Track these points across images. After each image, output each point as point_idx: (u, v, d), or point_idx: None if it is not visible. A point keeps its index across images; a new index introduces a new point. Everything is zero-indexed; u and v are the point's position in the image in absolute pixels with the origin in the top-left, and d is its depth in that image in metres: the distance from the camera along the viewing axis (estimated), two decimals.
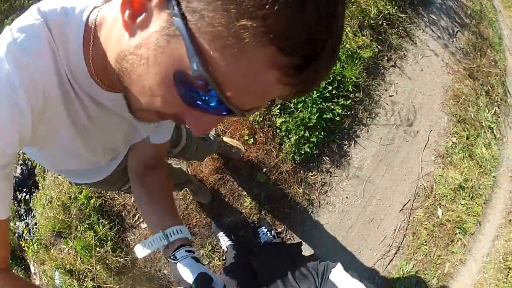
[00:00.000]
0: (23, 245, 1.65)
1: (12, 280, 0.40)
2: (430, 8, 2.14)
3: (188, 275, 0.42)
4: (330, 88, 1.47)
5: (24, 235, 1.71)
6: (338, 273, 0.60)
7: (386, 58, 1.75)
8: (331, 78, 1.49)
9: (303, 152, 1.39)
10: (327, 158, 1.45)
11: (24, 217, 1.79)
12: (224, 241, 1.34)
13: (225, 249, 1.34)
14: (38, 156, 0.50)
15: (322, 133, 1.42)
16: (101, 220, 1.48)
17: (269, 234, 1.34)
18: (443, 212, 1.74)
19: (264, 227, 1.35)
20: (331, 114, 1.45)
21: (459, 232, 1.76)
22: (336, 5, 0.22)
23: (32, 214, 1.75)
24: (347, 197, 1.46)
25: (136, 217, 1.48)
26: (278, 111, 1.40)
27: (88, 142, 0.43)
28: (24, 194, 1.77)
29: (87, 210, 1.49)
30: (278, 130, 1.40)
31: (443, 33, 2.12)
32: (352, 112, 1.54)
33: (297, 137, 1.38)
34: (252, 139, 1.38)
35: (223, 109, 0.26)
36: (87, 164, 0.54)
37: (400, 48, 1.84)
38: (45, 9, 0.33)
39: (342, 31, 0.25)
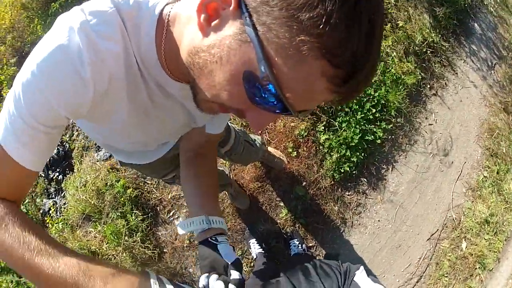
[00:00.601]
0: (47, 221, 1.67)
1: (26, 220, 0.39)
2: (471, 38, 2.15)
3: (228, 256, 0.46)
4: (374, 110, 1.49)
5: (50, 212, 1.75)
6: (362, 277, 0.61)
7: (428, 86, 1.76)
8: (376, 101, 1.50)
9: (343, 170, 1.41)
10: (365, 180, 1.47)
11: (53, 196, 1.83)
12: (255, 248, 1.36)
13: (255, 256, 1.36)
14: (89, 130, 0.53)
15: (363, 154, 1.44)
16: (134, 211, 1.51)
17: (299, 247, 1.35)
18: (467, 245, 1.74)
19: (296, 239, 1.36)
20: (372, 137, 1.46)
21: (479, 267, 1.75)
22: (375, 28, 0.27)
23: (62, 195, 1.79)
24: (379, 220, 1.47)
25: (171, 213, 1.51)
26: (323, 127, 1.42)
27: (146, 125, 0.46)
28: (57, 174, 1.81)
29: (122, 199, 1.52)
30: (321, 146, 1.42)
31: (483, 65, 2.12)
32: (393, 136, 1.55)
33: (338, 155, 1.40)
34: (295, 152, 1.41)
35: (279, 107, 0.31)
36: (137, 146, 0.56)
37: (442, 77, 1.85)
38: None
39: (380, 51, 0.30)
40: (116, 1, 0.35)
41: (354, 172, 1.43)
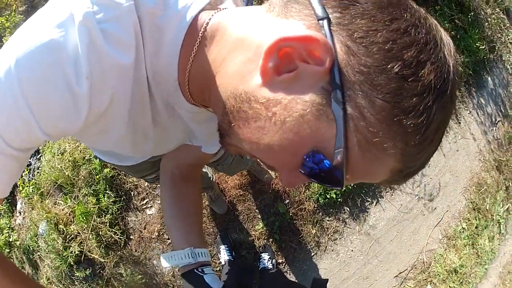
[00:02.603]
0: (18, 183, 1.62)
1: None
2: (481, 91, 2.16)
3: (215, 285, 0.44)
4: None
5: (23, 174, 1.69)
6: None
7: None
8: None
9: (328, 196, 1.40)
10: (348, 209, 1.46)
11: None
12: (224, 255, 1.34)
13: (223, 262, 1.34)
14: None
15: (352, 184, 1.43)
16: (108, 192, 1.47)
17: (269, 262, 1.34)
18: None
19: (267, 253, 1.35)
20: None
21: None
22: (436, 147, 0.27)
23: (38, 157, 1.73)
24: (352, 250, 1.47)
25: (145, 201, 1.47)
26: None
27: (139, 144, 0.39)
28: None
29: (98, 176, 1.47)
30: None
31: (486, 120, 2.14)
32: None
33: None
34: None
35: (328, 182, 0.28)
36: (120, 155, 0.53)
37: None
38: None
39: None
40: None
41: (339, 199, 1.43)
